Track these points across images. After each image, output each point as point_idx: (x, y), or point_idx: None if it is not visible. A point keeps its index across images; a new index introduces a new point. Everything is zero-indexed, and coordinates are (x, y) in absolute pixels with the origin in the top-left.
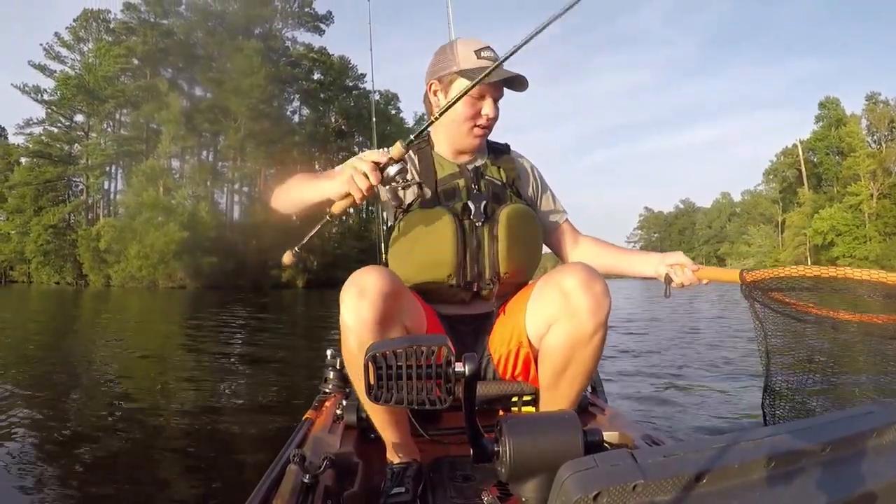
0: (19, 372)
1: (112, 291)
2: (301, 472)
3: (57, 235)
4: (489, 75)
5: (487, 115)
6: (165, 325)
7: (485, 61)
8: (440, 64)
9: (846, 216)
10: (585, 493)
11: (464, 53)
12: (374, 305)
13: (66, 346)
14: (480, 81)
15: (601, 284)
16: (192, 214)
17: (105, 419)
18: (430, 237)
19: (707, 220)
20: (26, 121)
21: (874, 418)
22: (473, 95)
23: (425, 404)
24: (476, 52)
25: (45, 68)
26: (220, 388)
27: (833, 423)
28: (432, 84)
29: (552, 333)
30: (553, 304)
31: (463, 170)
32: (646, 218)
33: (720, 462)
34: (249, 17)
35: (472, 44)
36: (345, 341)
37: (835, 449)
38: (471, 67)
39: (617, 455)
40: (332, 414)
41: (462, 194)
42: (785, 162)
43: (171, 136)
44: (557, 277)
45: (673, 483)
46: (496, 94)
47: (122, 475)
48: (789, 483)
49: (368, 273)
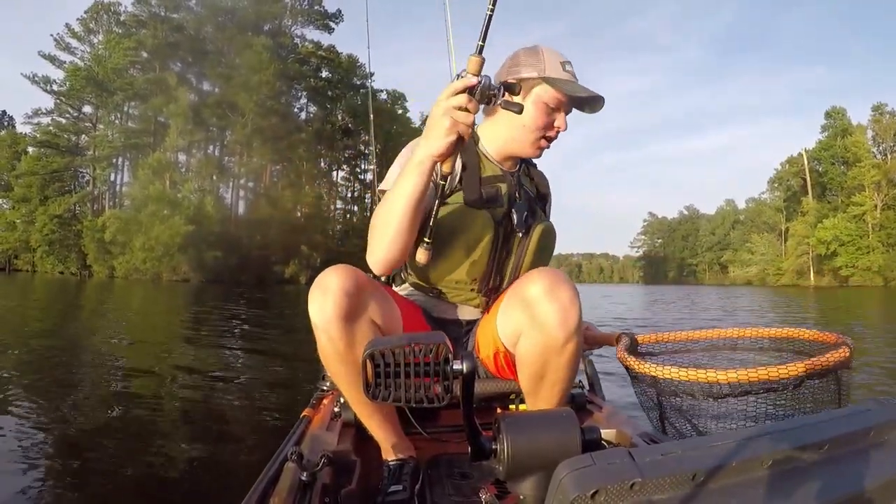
0: (20, 359)
1: (116, 283)
2: (298, 470)
3: (62, 225)
4: (574, 88)
5: (559, 127)
6: (167, 316)
7: (569, 75)
8: (526, 64)
9: (850, 226)
10: (583, 491)
11: (551, 61)
12: (336, 302)
13: (68, 335)
14: (571, 92)
15: (568, 291)
16: (198, 208)
17: (100, 412)
18: (469, 237)
19: (711, 226)
20: (35, 111)
21: (872, 416)
22: (550, 104)
23: (423, 402)
24: (562, 64)
25: (55, 59)
26: (218, 384)
27: (831, 422)
28: (509, 78)
29: (522, 343)
30: (518, 315)
31: (506, 175)
32: (650, 223)
33: (718, 460)
34: (259, 14)
35: (557, 55)
36: (317, 339)
37: (832, 447)
38: (557, 77)
39: (614, 453)
40: (329, 411)
41: (504, 200)
42: (790, 170)
43: (178, 130)
44: (521, 286)
45: (671, 481)
46: (571, 109)
47: (117, 470)
48: (787, 481)
49: (331, 272)
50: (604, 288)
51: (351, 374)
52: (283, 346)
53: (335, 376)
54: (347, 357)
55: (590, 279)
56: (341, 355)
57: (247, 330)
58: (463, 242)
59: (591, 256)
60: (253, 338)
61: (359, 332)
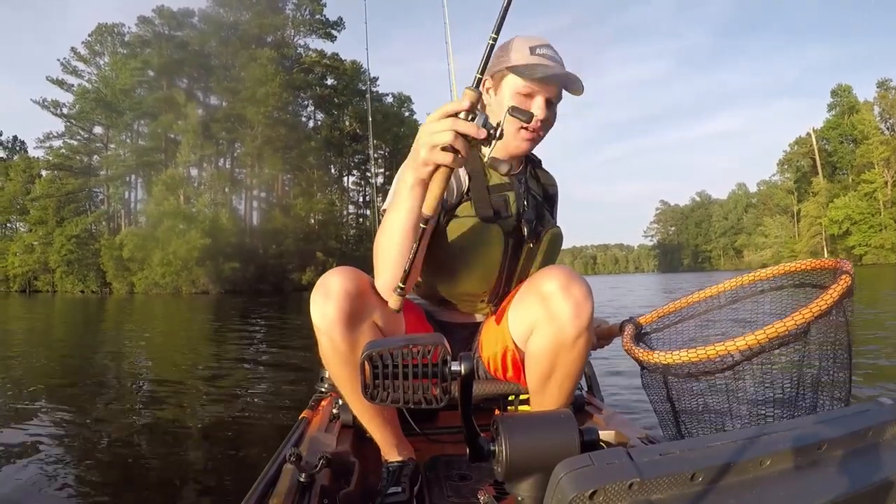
0: (48, 371)
1: (136, 298)
2: (297, 472)
3: (80, 245)
4: (535, 71)
5: (537, 115)
6: (188, 329)
7: (539, 58)
8: (494, 60)
9: (861, 204)
10: (581, 491)
11: (519, 49)
12: (338, 305)
13: (93, 349)
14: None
15: (582, 288)
16: (213, 221)
17: (115, 422)
18: (479, 252)
19: (723, 211)
20: (46, 134)
21: (870, 416)
22: (522, 93)
23: (422, 403)
24: (531, 49)
25: (63, 82)
26: (231, 391)
27: (829, 422)
28: (485, 81)
29: (534, 339)
30: (533, 309)
31: (513, 182)
32: (662, 211)
33: (716, 460)
34: (262, 27)
35: (529, 40)
36: (319, 342)
37: (830, 447)
38: (523, 63)
39: (613, 453)
40: (328, 413)
41: (512, 209)
42: (798, 151)
43: (189, 146)
44: (537, 281)
45: (669, 481)
46: (549, 93)
47: (119, 474)
48: (785, 481)
49: (333, 274)
50: (615, 279)
51: (353, 377)
52: (298, 352)
53: (337, 379)
54: (349, 359)
55: (605, 270)
56: (343, 358)
57: (265, 336)
58: (474, 257)
59: (605, 248)
60: (271, 345)
61: (361, 335)
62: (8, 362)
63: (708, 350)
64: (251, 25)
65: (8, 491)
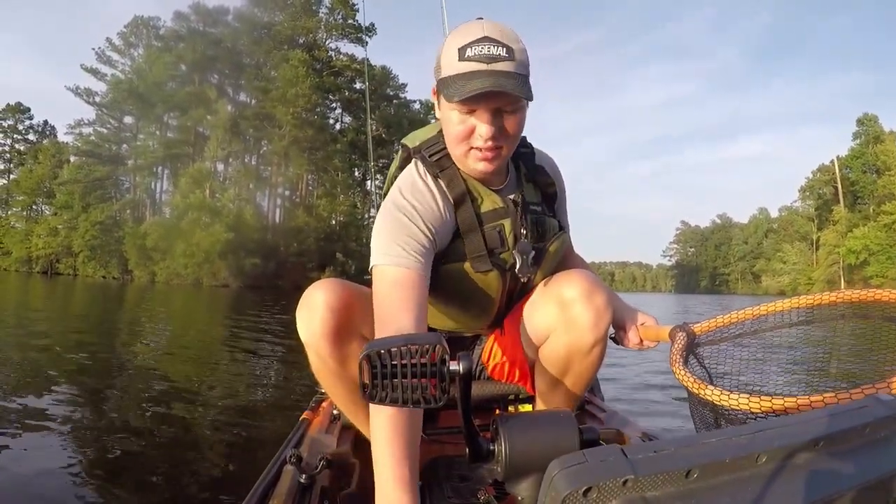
0: (65, 359)
1: (157, 287)
2: (298, 473)
3: (104, 231)
4: (461, 89)
5: (482, 135)
6: (207, 322)
7: (469, 63)
8: (435, 63)
9: (880, 235)
10: (575, 488)
11: (447, 52)
12: (322, 319)
13: (113, 336)
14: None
15: (603, 296)
16: (237, 216)
17: (123, 414)
18: (476, 295)
19: (743, 235)
20: (77, 121)
21: (869, 413)
22: (462, 111)
23: (420, 403)
24: (460, 51)
25: (97, 71)
26: (239, 387)
27: (827, 418)
28: (433, 89)
29: (550, 343)
30: (551, 313)
31: (507, 204)
32: (682, 232)
33: (711, 457)
34: (295, 28)
35: (463, 34)
36: (308, 358)
37: (828, 443)
38: (452, 74)
39: (607, 450)
40: (328, 414)
41: (509, 240)
42: (821, 178)
43: (218, 141)
44: (558, 286)
45: (664, 478)
46: (492, 104)
47: (121, 472)
48: (781, 478)
49: (316, 288)
50: (632, 297)
51: (345, 390)
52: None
53: (330, 393)
54: (340, 373)
55: (622, 287)
56: (333, 372)
57: (281, 332)
58: (472, 301)
59: (624, 265)
60: (286, 341)
61: (349, 349)
62: (27, 341)
63: (775, 402)
64: (284, 26)
65: (10, 478)
